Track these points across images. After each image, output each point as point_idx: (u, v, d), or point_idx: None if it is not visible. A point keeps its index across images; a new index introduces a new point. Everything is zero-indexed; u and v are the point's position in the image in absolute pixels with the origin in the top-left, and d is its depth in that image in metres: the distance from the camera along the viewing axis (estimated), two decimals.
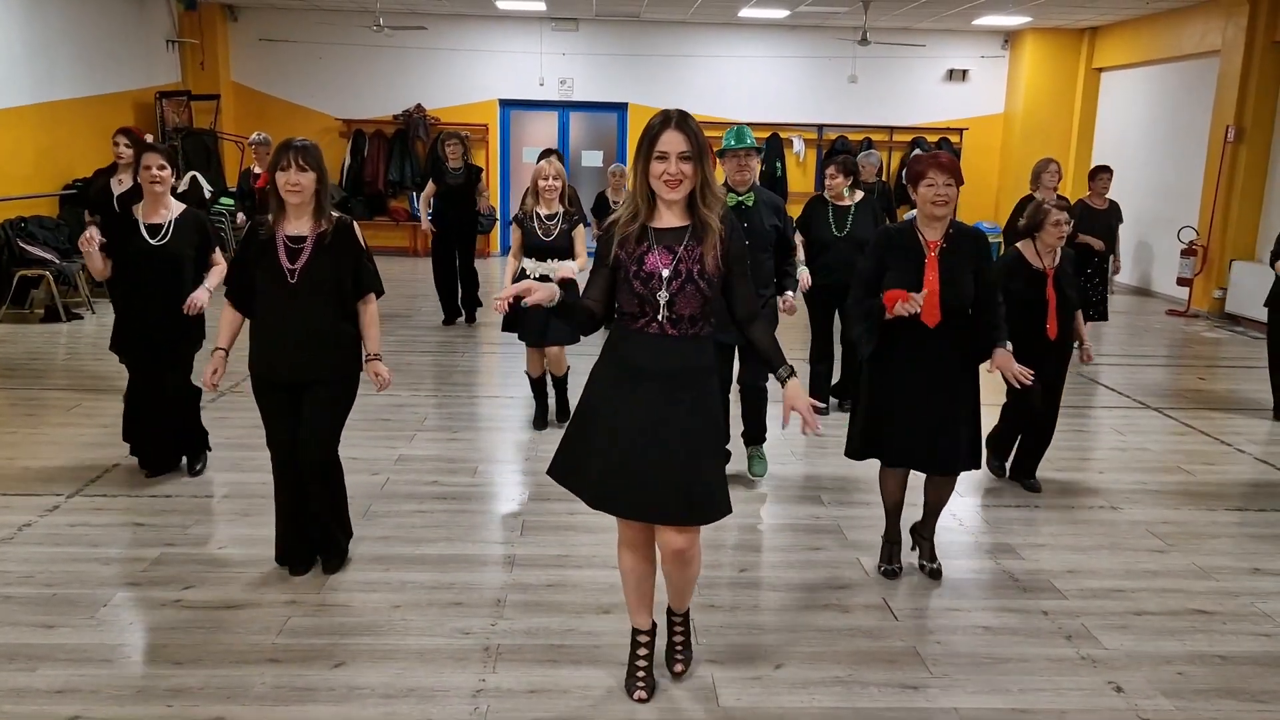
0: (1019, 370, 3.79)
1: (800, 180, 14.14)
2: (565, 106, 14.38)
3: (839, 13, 12.49)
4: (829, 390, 6.55)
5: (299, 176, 3.54)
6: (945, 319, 3.69)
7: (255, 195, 8.95)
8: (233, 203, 10.82)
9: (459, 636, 3.47)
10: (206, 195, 8.45)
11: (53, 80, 10.26)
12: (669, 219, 2.87)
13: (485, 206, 9.35)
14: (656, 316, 2.85)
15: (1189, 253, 10.99)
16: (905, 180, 3.95)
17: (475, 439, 5.85)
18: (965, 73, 14.33)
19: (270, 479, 3.90)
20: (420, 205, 9.10)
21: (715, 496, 2.91)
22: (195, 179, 7.71)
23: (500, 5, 12.88)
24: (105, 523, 4.39)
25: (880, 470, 4.04)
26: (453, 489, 4.95)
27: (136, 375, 4.85)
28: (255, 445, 4.81)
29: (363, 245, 3.76)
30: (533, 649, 3.40)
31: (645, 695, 3.10)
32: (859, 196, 6.29)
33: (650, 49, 14.01)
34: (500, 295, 2.81)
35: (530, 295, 2.76)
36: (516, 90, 14.07)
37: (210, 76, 13.35)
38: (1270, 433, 6.49)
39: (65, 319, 8.89)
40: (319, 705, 3.04)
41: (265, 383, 3.72)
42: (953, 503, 4.16)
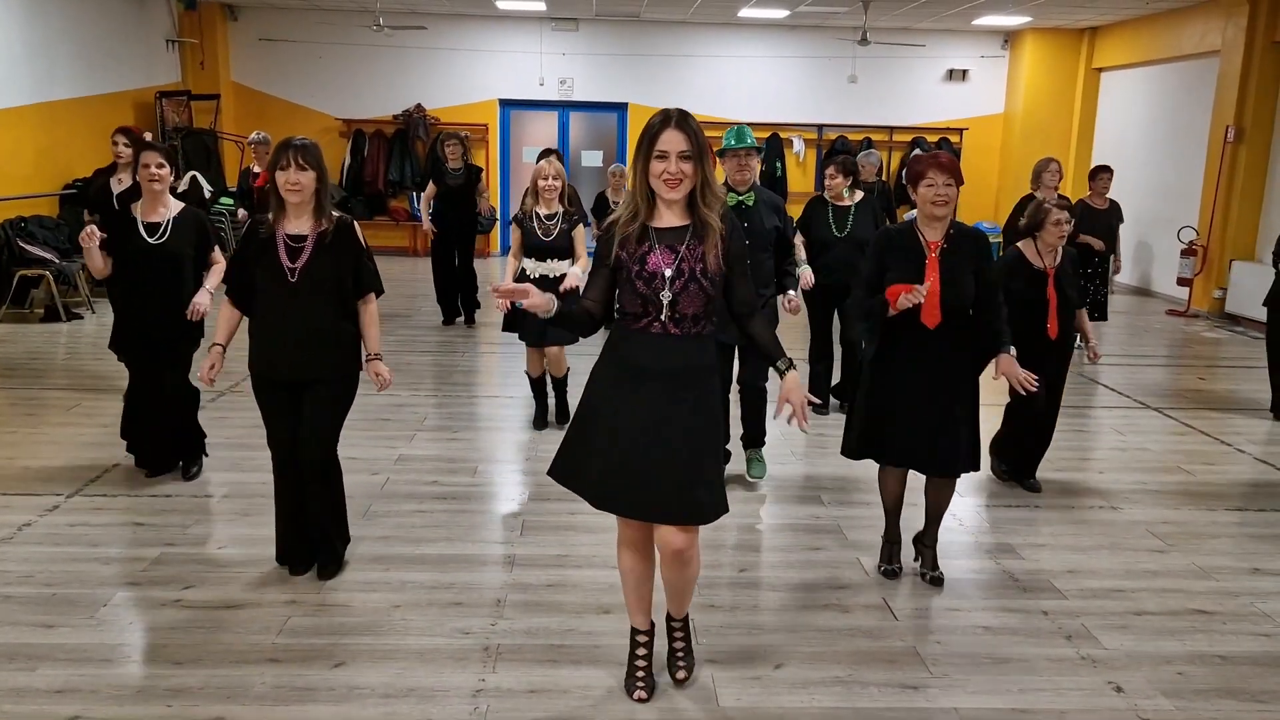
0: (1024, 376, 3.80)
1: (800, 180, 14.14)
2: (565, 106, 14.38)
3: (839, 13, 12.49)
4: (829, 390, 6.55)
5: (299, 175, 3.54)
6: (946, 319, 3.69)
7: (254, 194, 8.96)
8: (232, 202, 10.82)
9: (459, 636, 3.47)
10: (206, 195, 8.45)
11: (52, 80, 10.26)
12: (669, 218, 2.87)
13: (486, 209, 9.34)
14: (659, 316, 2.84)
15: (1189, 253, 11.00)
16: (905, 180, 3.95)
17: (475, 439, 5.85)
18: (965, 73, 14.33)
19: (270, 479, 3.90)
20: (421, 206, 9.10)
21: (715, 496, 2.91)
22: (195, 179, 7.71)
23: (500, 5, 12.88)
24: (105, 522, 4.39)
25: (880, 470, 4.04)
26: (453, 489, 4.95)
27: (135, 374, 4.86)
28: (255, 445, 4.82)
29: (363, 244, 3.76)
30: (532, 649, 3.40)
31: (645, 695, 3.10)
32: (859, 197, 6.28)
33: (650, 49, 14.01)
34: (500, 287, 2.79)
35: (528, 299, 2.76)
36: (516, 90, 14.07)
37: (210, 76, 13.36)
38: (1270, 433, 6.49)
39: (65, 319, 8.89)
40: (319, 705, 3.04)
41: (265, 381, 3.72)
42: (953, 503, 4.16)
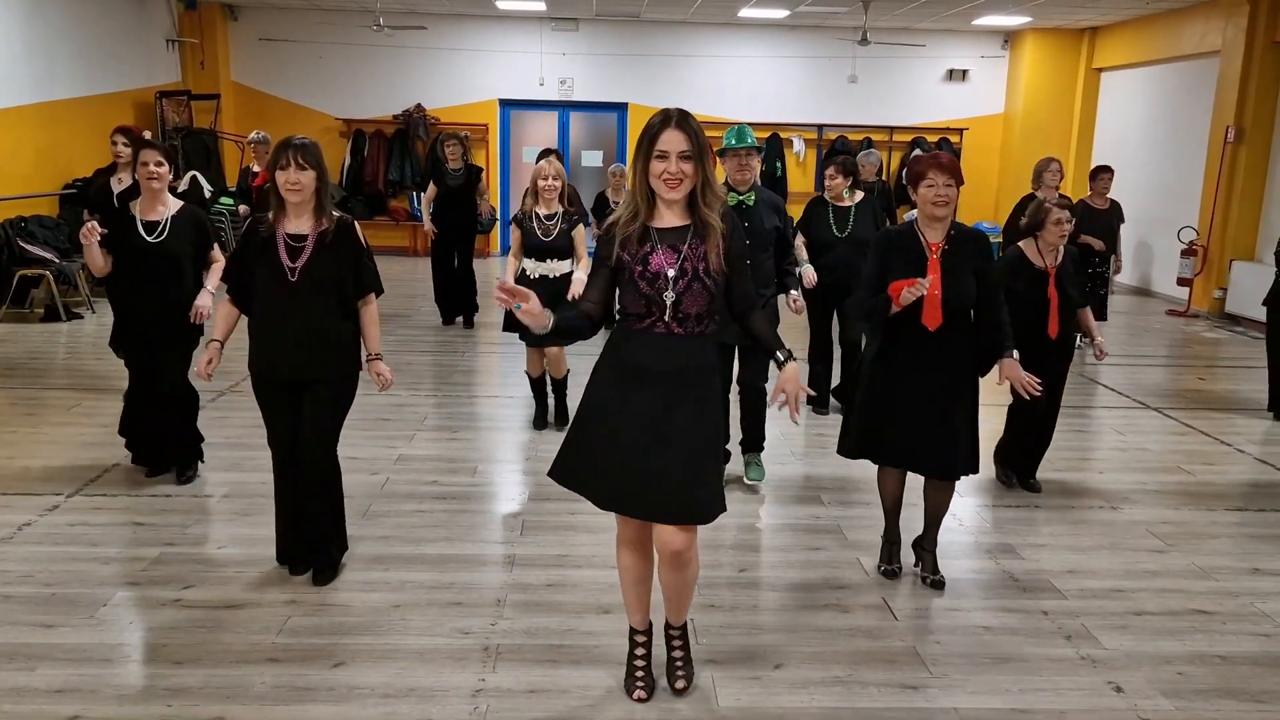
0: (1027, 380, 3.80)
1: (800, 180, 14.14)
2: (565, 106, 14.38)
3: (839, 13, 12.49)
4: (828, 391, 6.55)
5: (298, 175, 3.53)
6: (947, 321, 3.69)
7: (253, 194, 8.95)
8: (232, 201, 10.82)
9: (459, 636, 3.47)
10: (206, 195, 8.44)
11: (53, 80, 10.26)
12: (669, 219, 2.87)
13: (486, 211, 9.32)
14: (663, 316, 2.84)
15: (1189, 253, 10.99)
16: (905, 181, 3.95)
17: (475, 439, 5.85)
18: (965, 73, 14.33)
19: (270, 479, 3.90)
20: (423, 207, 9.10)
21: (714, 496, 2.91)
22: (195, 178, 7.71)
23: (500, 5, 12.88)
24: (105, 522, 4.39)
25: (879, 470, 4.04)
26: (453, 489, 4.94)
27: (135, 373, 4.85)
28: (255, 445, 4.82)
29: (364, 244, 3.76)
30: (532, 649, 3.40)
31: (644, 695, 3.10)
32: (859, 197, 6.28)
33: (650, 49, 14.01)
34: (505, 285, 2.75)
35: (528, 305, 2.73)
36: (516, 90, 14.07)
37: (210, 76, 13.36)
38: (1270, 433, 6.49)
39: (65, 318, 8.89)
40: (319, 705, 3.04)
41: (265, 381, 3.72)
42: (953, 503, 4.16)
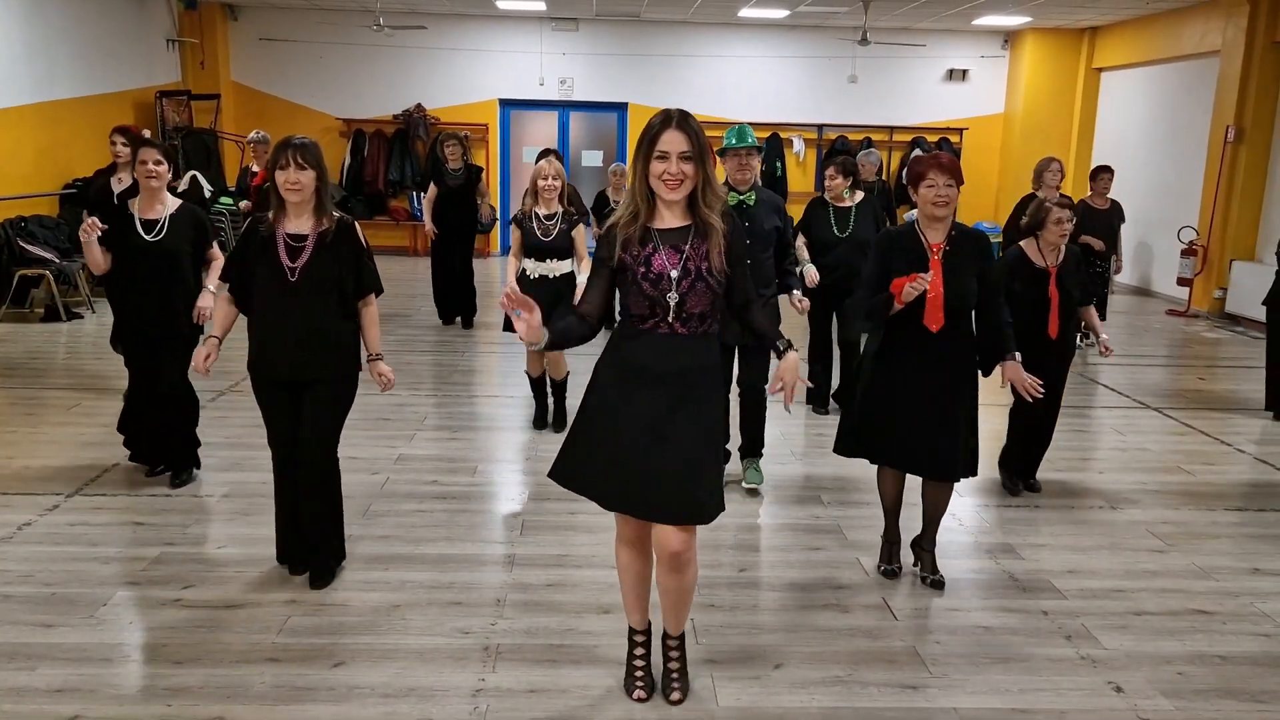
0: (1030, 382, 3.80)
1: (800, 180, 14.14)
2: (565, 106, 14.38)
3: (839, 13, 12.49)
4: (828, 391, 6.55)
5: (298, 175, 3.53)
6: (948, 321, 3.69)
7: (252, 194, 8.94)
8: (232, 201, 10.81)
9: (458, 636, 3.47)
10: (206, 195, 8.43)
11: (53, 80, 10.26)
12: (670, 219, 2.86)
13: (487, 215, 9.32)
14: (666, 317, 2.83)
15: (1189, 253, 10.99)
16: (905, 181, 3.95)
17: (475, 439, 5.85)
18: (965, 73, 14.33)
19: (270, 478, 3.90)
20: (424, 208, 9.09)
21: (714, 497, 2.91)
22: (195, 178, 7.70)
23: (500, 5, 12.88)
24: (105, 522, 4.39)
25: (878, 470, 4.04)
26: (452, 489, 4.94)
27: (134, 372, 4.85)
28: (255, 445, 4.82)
29: (364, 244, 3.75)
30: (532, 649, 3.40)
31: (644, 695, 3.10)
32: (859, 197, 6.28)
33: (650, 49, 14.01)
34: (511, 294, 2.74)
35: (527, 317, 2.71)
36: (516, 90, 14.07)
37: (210, 76, 13.36)
38: (1270, 433, 6.49)
39: (65, 318, 8.89)
40: (318, 705, 3.04)
41: (265, 381, 3.72)
42: (953, 503, 4.16)
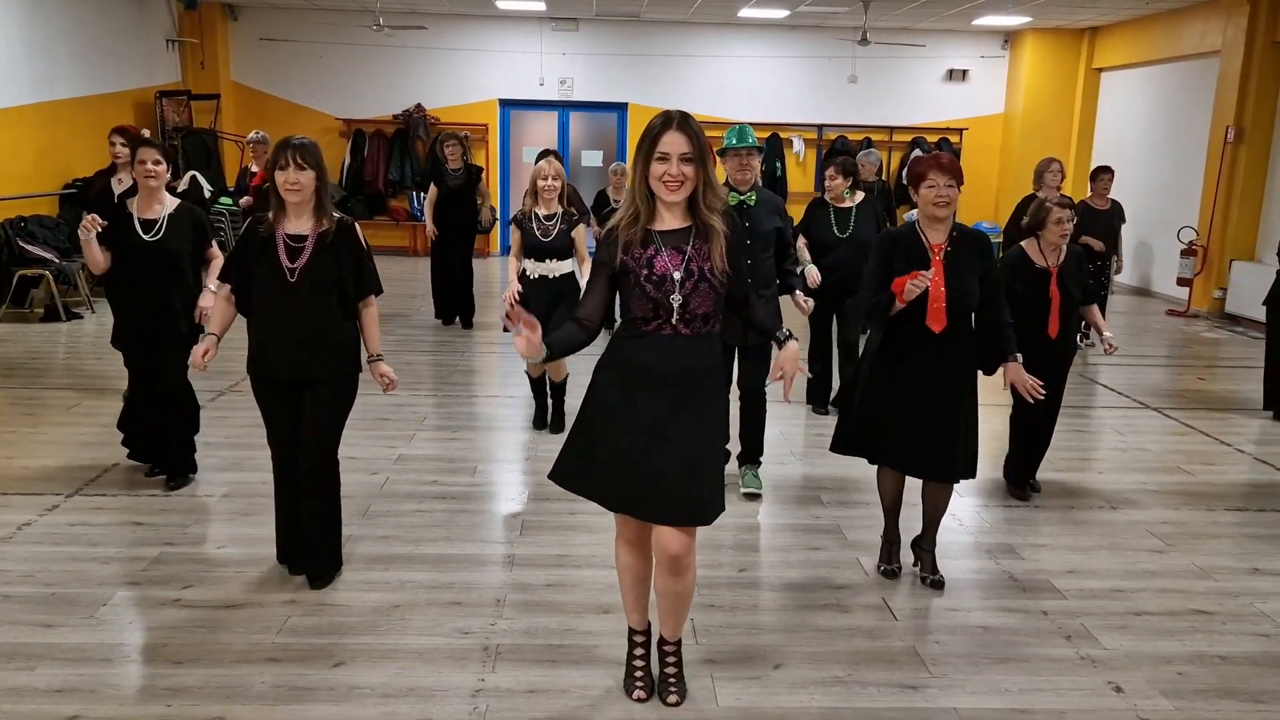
0: (1031, 384, 3.80)
1: (800, 180, 14.14)
2: (565, 106, 14.38)
3: (839, 13, 12.49)
4: (828, 391, 6.54)
5: (298, 175, 3.53)
6: (949, 322, 3.69)
7: (252, 194, 8.93)
8: (231, 200, 10.81)
9: (458, 636, 3.47)
10: (206, 195, 8.43)
11: (53, 80, 10.26)
12: (670, 221, 2.86)
13: (488, 219, 9.32)
14: (670, 319, 2.83)
15: (1189, 253, 10.99)
16: (906, 182, 3.95)
17: (475, 439, 5.85)
18: (965, 73, 14.33)
19: (270, 478, 3.90)
20: (425, 209, 9.08)
21: (715, 498, 2.91)
22: (195, 178, 7.70)
23: (500, 5, 12.88)
24: (104, 522, 4.39)
25: (878, 470, 4.04)
26: (452, 489, 4.94)
27: (134, 372, 4.85)
28: (255, 445, 4.82)
29: (364, 245, 3.75)
30: (532, 649, 3.40)
31: (644, 695, 3.10)
32: (860, 198, 6.27)
33: (650, 49, 14.01)
34: (515, 311, 2.72)
35: (528, 333, 2.69)
36: (516, 90, 14.07)
37: (210, 76, 13.36)
38: (1270, 433, 6.49)
39: (65, 318, 8.89)
40: (318, 705, 3.04)
41: (265, 381, 3.71)
42: (953, 503, 4.16)
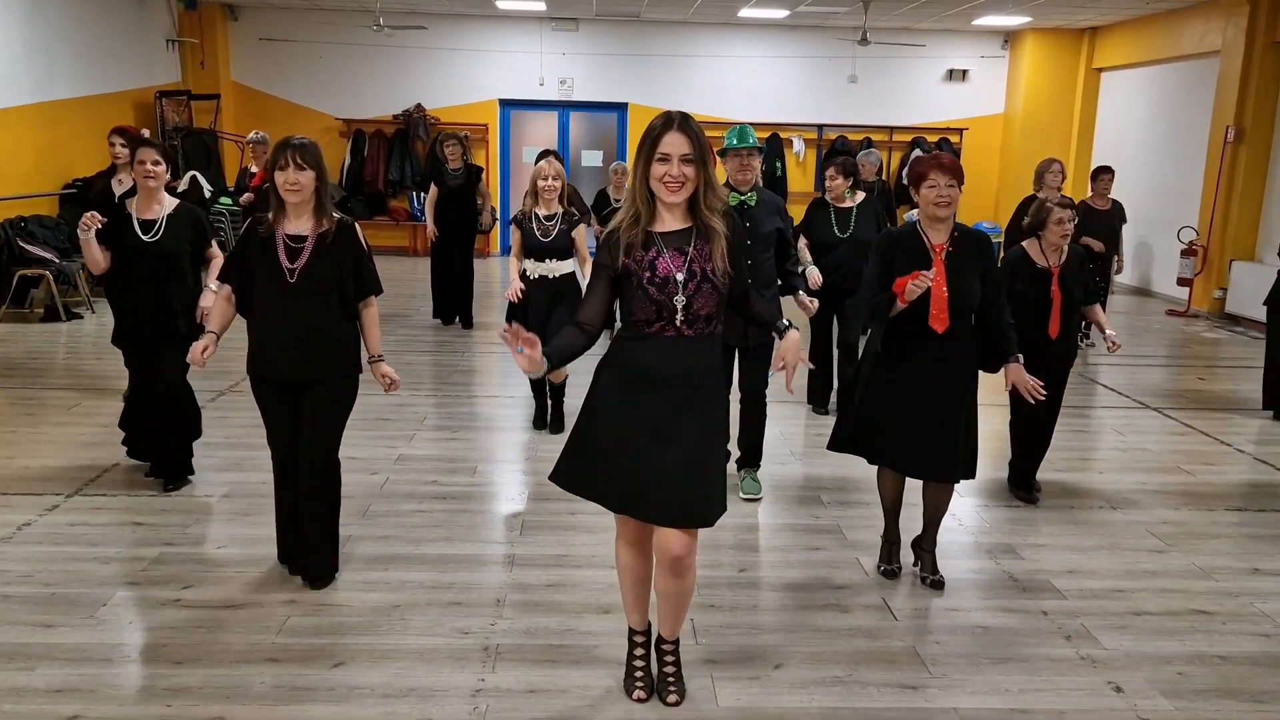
0: (1032, 385, 3.80)
1: (800, 180, 14.14)
2: (565, 106, 14.38)
3: (839, 13, 12.49)
4: (827, 391, 6.54)
5: (297, 175, 3.52)
6: (951, 322, 3.69)
7: (251, 193, 8.93)
8: (231, 201, 10.81)
9: (458, 636, 3.47)
10: (206, 195, 8.44)
11: (53, 79, 10.26)
12: (671, 222, 2.85)
13: (488, 223, 9.31)
14: (673, 320, 2.82)
15: (1189, 253, 10.99)
16: (907, 182, 3.95)
17: (475, 439, 5.85)
18: (965, 73, 14.33)
19: (270, 478, 3.90)
20: (426, 210, 9.08)
21: (716, 498, 2.91)
22: (195, 178, 7.72)
23: (500, 5, 12.88)
24: (104, 522, 4.39)
25: (878, 470, 4.04)
26: (452, 489, 4.94)
27: (134, 372, 4.85)
28: (255, 445, 4.82)
29: (364, 246, 3.74)
30: (532, 649, 3.40)
31: (644, 695, 3.10)
32: (860, 198, 6.27)
33: (650, 49, 14.01)
34: (516, 336, 2.68)
35: (529, 351, 2.67)
36: (516, 90, 14.07)
37: (210, 76, 13.36)
38: (1270, 433, 6.49)
39: (65, 318, 8.89)
40: (318, 705, 3.04)
41: (265, 382, 3.71)
42: (953, 503, 4.16)
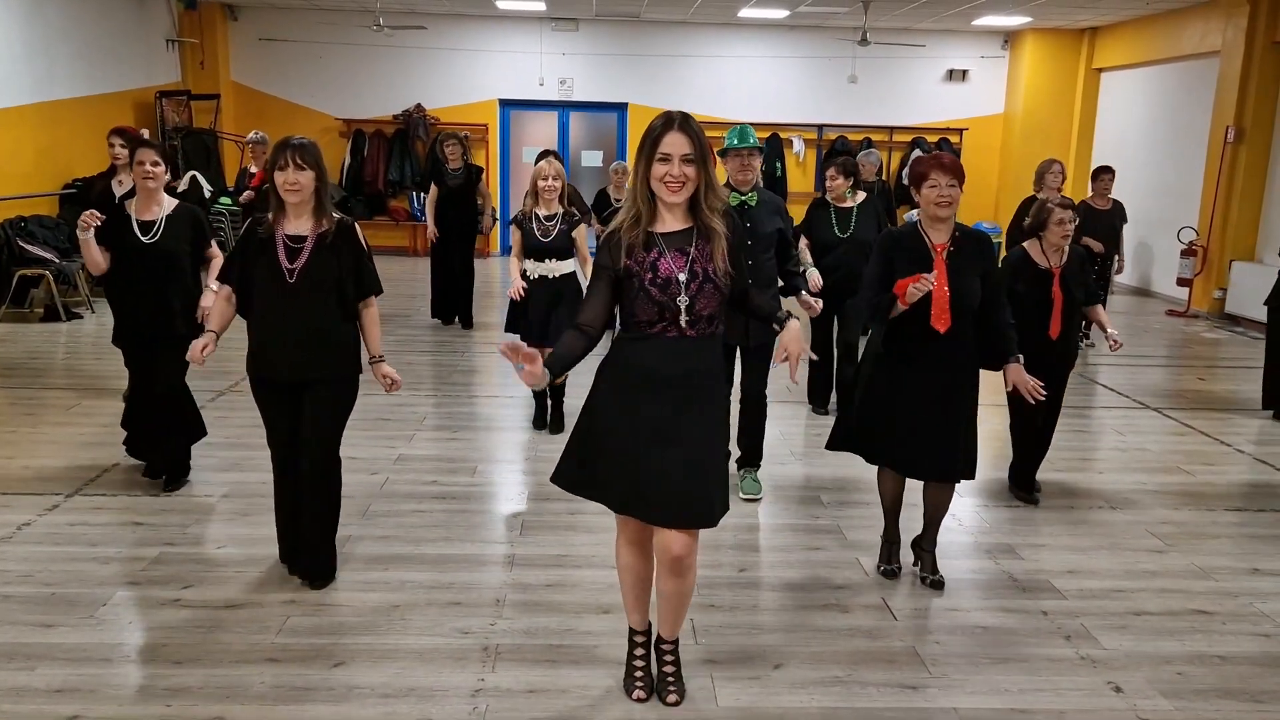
0: (1033, 385, 3.80)
1: (800, 180, 14.14)
2: (565, 106, 14.38)
3: (839, 13, 12.49)
4: (827, 391, 6.54)
5: (297, 175, 3.52)
6: (953, 322, 3.69)
7: (252, 192, 8.94)
8: (231, 201, 10.81)
9: (458, 636, 3.47)
10: (206, 195, 8.45)
11: (52, 80, 10.26)
12: (671, 222, 2.85)
13: (488, 226, 9.31)
14: (676, 321, 2.82)
15: (1189, 253, 10.99)
16: (907, 182, 3.95)
17: (475, 439, 5.85)
18: (965, 73, 14.33)
19: (270, 478, 3.90)
20: (426, 211, 9.08)
21: (718, 499, 2.91)
22: (195, 179, 7.73)
23: (500, 5, 12.88)
24: (104, 522, 4.39)
25: (878, 470, 4.04)
26: (452, 489, 4.94)
27: (133, 372, 4.85)
28: (255, 445, 4.82)
29: (364, 246, 3.74)
30: (532, 649, 3.40)
31: (644, 695, 3.10)
32: (861, 198, 6.27)
33: (650, 49, 14.01)
34: (517, 352, 2.66)
35: (530, 367, 2.66)
36: (516, 90, 14.07)
37: (210, 76, 13.36)
38: (1269, 433, 6.49)
39: (65, 318, 8.89)
40: (318, 705, 3.04)
41: (265, 382, 3.71)
42: (953, 503, 4.15)
